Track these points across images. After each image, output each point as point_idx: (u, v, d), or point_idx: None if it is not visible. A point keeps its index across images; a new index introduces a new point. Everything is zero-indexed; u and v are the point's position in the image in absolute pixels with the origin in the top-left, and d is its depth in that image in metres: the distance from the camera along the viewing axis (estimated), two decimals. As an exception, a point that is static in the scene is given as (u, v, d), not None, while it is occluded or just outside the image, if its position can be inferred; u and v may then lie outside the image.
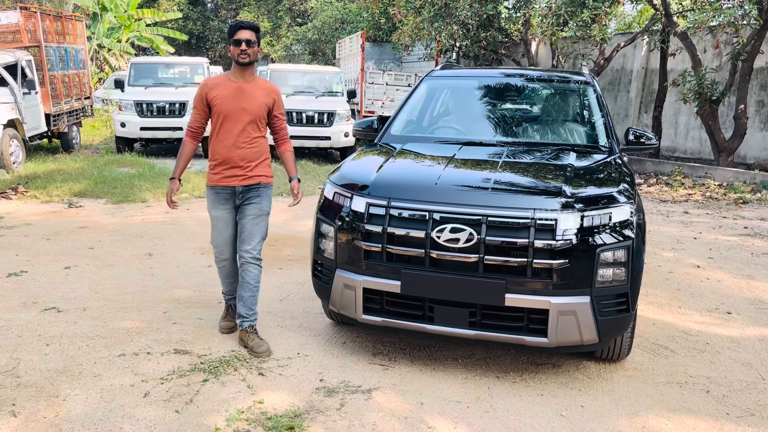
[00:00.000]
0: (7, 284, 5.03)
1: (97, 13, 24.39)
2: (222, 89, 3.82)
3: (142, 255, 5.96)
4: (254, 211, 3.90)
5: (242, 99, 3.80)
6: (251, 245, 3.91)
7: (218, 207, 3.92)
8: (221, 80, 3.88)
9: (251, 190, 3.90)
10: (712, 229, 7.62)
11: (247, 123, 3.82)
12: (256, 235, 3.92)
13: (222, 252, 4.02)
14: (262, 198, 3.93)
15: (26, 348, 3.87)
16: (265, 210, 3.96)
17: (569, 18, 11.08)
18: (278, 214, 7.93)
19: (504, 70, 5.75)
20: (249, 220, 3.90)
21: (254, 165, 3.89)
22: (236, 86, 3.82)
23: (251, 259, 3.93)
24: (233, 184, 3.87)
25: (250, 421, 3.11)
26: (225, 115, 3.80)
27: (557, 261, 3.24)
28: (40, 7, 12.46)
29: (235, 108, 3.79)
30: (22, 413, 3.14)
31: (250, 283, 3.94)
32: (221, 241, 3.98)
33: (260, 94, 3.86)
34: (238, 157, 3.83)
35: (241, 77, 3.85)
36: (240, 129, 3.81)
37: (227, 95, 3.80)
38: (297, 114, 12.40)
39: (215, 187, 3.90)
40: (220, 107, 3.80)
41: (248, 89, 3.83)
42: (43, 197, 8.58)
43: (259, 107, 3.85)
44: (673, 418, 3.25)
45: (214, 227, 3.98)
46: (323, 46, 24.72)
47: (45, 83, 11.77)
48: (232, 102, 3.79)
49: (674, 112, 13.89)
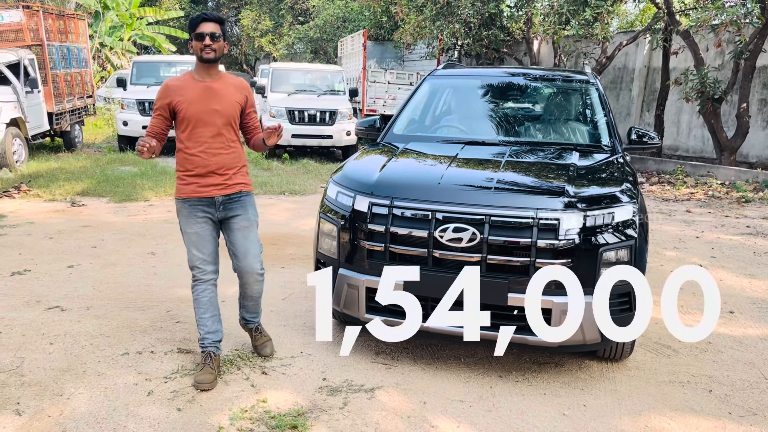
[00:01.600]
0: (10, 283, 5.04)
1: (99, 12, 24.39)
2: (188, 91, 3.39)
3: (145, 254, 5.97)
4: (242, 223, 3.55)
5: (213, 99, 3.40)
6: (250, 263, 3.58)
7: (194, 221, 3.47)
8: (185, 80, 3.45)
9: (233, 200, 3.52)
10: (714, 228, 7.61)
11: (221, 126, 3.43)
12: (252, 250, 3.57)
13: (203, 272, 3.52)
14: (246, 207, 3.57)
15: (30, 347, 3.89)
16: (253, 220, 3.60)
17: (571, 16, 11.07)
18: (281, 213, 7.96)
19: (506, 70, 5.75)
20: (239, 234, 3.55)
21: (233, 173, 3.50)
22: (204, 86, 3.41)
23: (257, 276, 3.64)
24: (212, 194, 3.45)
25: (254, 420, 3.13)
26: (195, 119, 3.38)
27: (560, 261, 3.25)
28: (42, 6, 12.47)
29: (205, 110, 3.38)
30: (26, 412, 3.15)
31: (254, 296, 3.73)
32: (201, 258, 3.50)
33: (231, 92, 3.48)
34: (214, 164, 3.43)
35: (207, 75, 3.44)
36: (214, 132, 3.42)
37: (195, 97, 3.38)
38: (299, 113, 12.41)
39: (189, 200, 3.46)
40: (188, 111, 3.37)
41: (218, 88, 3.43)
42: (46, 196, 8.59)
43: (232, 106, 3.46)
44: (676, 418, 3.26)
45: (192, 245, 3.49)
46: (325, 44, 24.72)
47: (47, 82, 11.79)
48: (201, 104, 3.38)
49: (676, 110, 13.88)
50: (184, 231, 3.53)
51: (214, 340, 3.59)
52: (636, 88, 14.96)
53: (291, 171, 11.35)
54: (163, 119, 3.46)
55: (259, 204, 8.39)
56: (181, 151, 3.48)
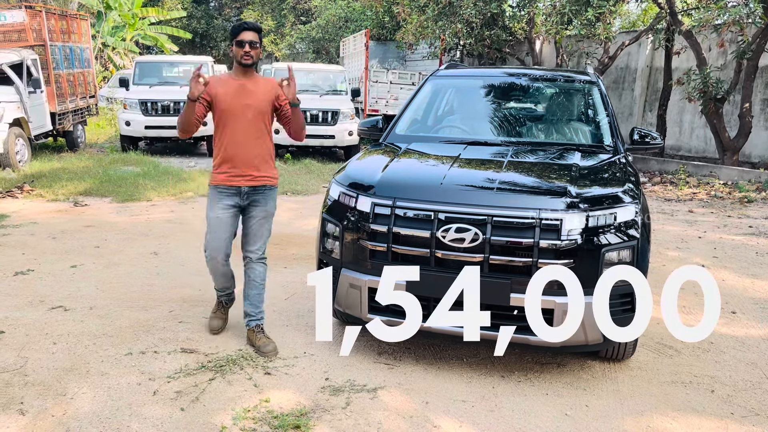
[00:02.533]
0: (14, 283, 5.06)
1: (102, 12, 24.43)
2: (225, 87, 3.81)
3: (148, 254, 5.99)
4: (260, 214, 3.91)
5: (245, 95, 3.79)
6: (257, 246, 3.94)
7: (220, 208, 3.85)
8: (224, 79, 3.89)
9: (257, 191, 3.88)
10: (716, 228, 7.61)
11: (251, 119, 3.80)
12: (261, 237, 3.94)
13: (215, 256, 3.90)
14: (267, 200, 3.93)
15: (34, 346, 3.90)
16: (271, 212, 3.97)
17: (573, 16, 11.06)
18: (284, 213, 7.95)
19: (509, 70, 5.75)
20: (255, 221, 3.91)
21: (261, 164, 3.86)
22: (238, 83, 3.82)
23: (257, 259, 3.96)
24: (240, 184, 3.83)
25: (257, 420, 3.13)
26: (229, 112, 3.78)
27: (562, 261, 3.25)
28: (45, 6, 12.50)
29: (238, 104, 3.77)
30: (30, 411, 3.16)
31: (256, 281, 3.98)
32: (216, 243, 3.87)
33: (262, 90, 3.85)
34: (243, 154, 3.80)
35: (243, 76, 3.85)
36: (245, 125, 3.80)
37: (229, 92, 3.79)
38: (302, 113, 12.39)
39: (219, 187, 3.86)
40: (222, 104, 3.79)
41: (250, 86, 3.82)
42: (49, 196, 8.61)
43: (262, 102, 3.83)
44: (678, 418, 3.26)
45: (211, 229, 3.87)
46: (327, 44, 24.72)
47: (50, 82, 11.81)
48: (234, 99, 3.78)
49: (679, 110, 13.87)
50: (207, 215, 3.92)
51: (228, 293, 4.18)
52: (638, 88, 14.95)
53: (293, 171, 11.36)
54: (201, 105, 3.81)
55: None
56: (215, 143, 3.89)
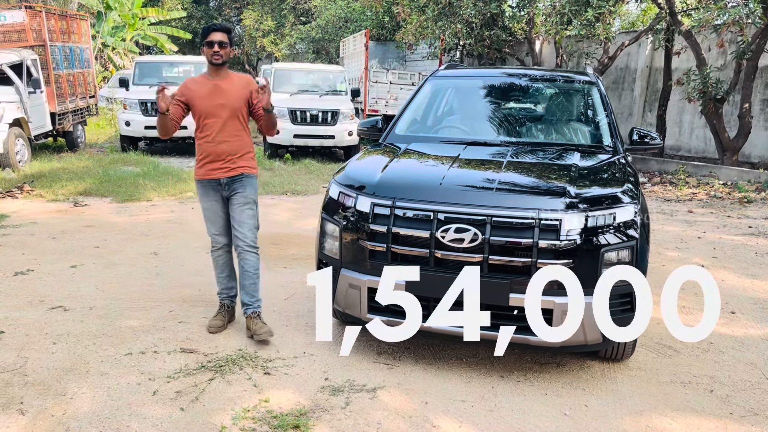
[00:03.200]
0: (13, 283, 5.06)
1: (102, 12, 24.44)
2: (200, 88, 4.00)
3: (148, 254, 5.99)
4: (240, 200, 4.07)
5: (219, 95, 3.96)
6: (243, 233, 4.08)
7: (207, 199, 4.12)
8: (200, 80, 4.07)
9: (235, 180, 4.06)
10: (716, 229, 7.61)
11: (226, 118, 3.98)
12: (246, 222, 4.08)
13: (217, 241, 4.21)
14: (246, 186, 4.08)
15: (33, 346, 3.90)
16: (251, 197, 4.11)
17: (573, 17, 11.06)
18: (283, 213, 7.97)
19: (508, 70, 5.75)
20: (236, 208, 4.08)
21: (237, 157, 4.05)
22: (212, 84, 3.99)
23: (247, 248, 4.09)
24: (218, 176, 4.04)
25: (256, 420, 3.14)
26: (205, 113, 3.98)
27: (561, 261, 3.25)
28: (45, 6, 12.50)
29: (213, 105, 3.96)
30: (29, 411, 3.17)
31: (249, 271, 4.12)
32: (215, 230, 4.18)
33: (237, 88, 4.02)
34: (221, 151, 4.01)
35: (217, 76, 4.01)
36: (220, 125, 3.98)
37: (204, 94, 3.98)
38: (301, 113, 12.42)
39: (201, 181, 4.11)
40: (198, 106, 3.98)
41: (224, 86, 3.99)
42: (49, 196, 8.62)
43: (237, 100, 4.00)
44: (677, 418, 3.27)
45: (207, 219, 4.19)
46: (327, 44, 24.71)
47: (50, 82, 11.82)
48: (209, 100, 3.96)
49: (678, 110, 13.87)
50: (201, 206, 4.21)
51: (229, 294, 4.33)
52: (638, 89, 14.95)
53: (293, 171, 11.36)
54: (179, 108, 4.01)
55: (260, 204, 8.35)
56: (196, 141, 4.10)
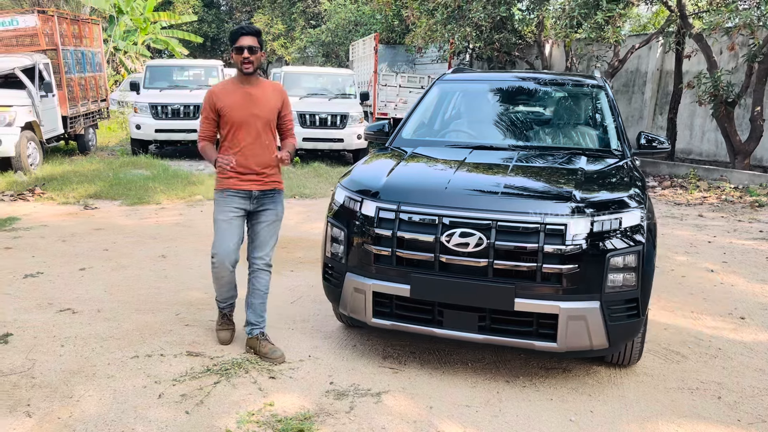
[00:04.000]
0: (23, 285, 5.10)
1: (114, 16, 24.62)
2: (231, 97, 3.73)
3: (156, 257, 6.02)
4: (270, 217, 3.88)
5: (253, 105, 3.72)
6: (264, 252, 3.90)
7: (229, 211, 3.78)
8: (228, 87, 3.79)
9: (267, 195, 3.85)
10: (726, 233, 7.55)
11: (260, 129, 3.75)
12: (270, 241, 3.92)
13: (223, 261, 3.80)
14: (277, 204, 3.92)
15: (41, 349, 3.93)
16: (280, 216, 3.96)
17: (582, 20, 11.02)
18: (292, 216, 7.98)
19: (515, 74, 5.75)
20: (264, 226, 3.87)
21: (269, 171, 3.83)
22: (244, 92, 3.74)
23: (263, 266, 3.92)
24: (251, 187, 3.78)
25: (260, 424, 3.14)
26: (238, 122, 3.71)
27: (567, 266, 3.24)
28: (57, 11, 12.62)
29: (246, 115, 3.71)
30: (36, 414, 3.19)
31: (261, 290, 3.95)
32: (225, 248, 3.78)
33: (269, 97, 3.79)
34: (255, 163, 3.76)
35: (248, 83, 3.77)
36: (255, 136, 3.75)
37: (237, 103, 3.71)
38: (310, 116, 12.44)
39: (228, 190, 3.78)
40: (231, 116, 3.71)
41: (257, 94, 3.75)
42: (60, 199, 8.69)
43: (270, 111, 3.78)
44: (684, 425, 3.24)
45: (220, 233, 3.80)
46: (337, 48, 24.79)
47: (62, 86, 11.93)
48: (242, 110, 3.71)
49: (690, 114, 13.78)
50: (215, 219, 3.85)
51: (231, 302, 4.11)
52: (649, 92, 14.87)
53: (302, 174, 11.39)
54: (211, 121, 3.82)
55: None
56: (223, 149, 3.82)
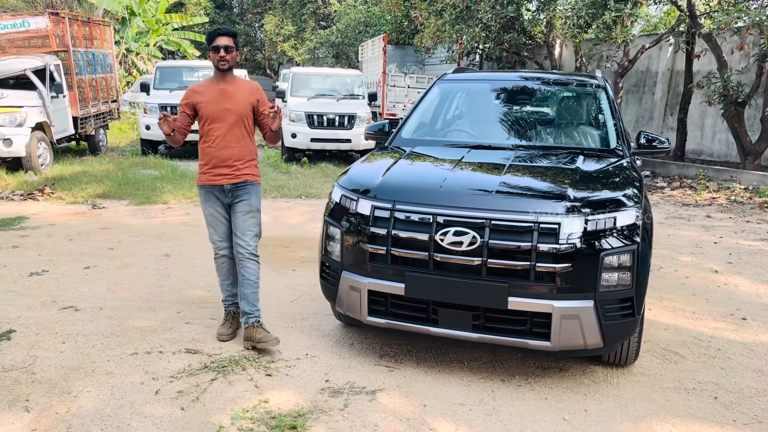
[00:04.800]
0: (28, 283, 5.17)
1: (126, 18, 24.85)
2: (206, 93, 3.99)
3: (160, 255, 6.08)
4: (244, 208, 4.05)
5: (225, 99, 3.96)
6: (245, 241, 4.05)
7: (209, 205, 4.09)
8: (205, 84, 4.06)
9: (239, 188, 4.04)
10: (733, 234, 7.49)
11: (232, 123, 3.97)
12: (249, 230, 4.06)
13: (219, 247, 4.16)
14: (250, 194, 4.07)
15: (43, 345, 3.98)
16: (255, 206, 4.09)
17: (590, 20, 10.97)
18: (296, 216, 8.03)
19: (515, 74, 5.74)
20: (240, 216, 4.05)
21: (242, 164, 4.03)
22: (219, 88, 3.98)
23: (248, 255, 4.06)
24: (222, 182, 4.01)
25: (254, 420, 3.17)
26: (211, 117, 3.96)
27: (560, 265, 3.23)
28: (69, 13, 12.76)
29: (219, 109, 3.95)
30: (35, 409, 3.24)
31: (250, 279, 4.07)
32: (217, 236, 4.14)
33: (243, 94, 4.01)
34: (226, 156, 3.98)
35: (223, 80, 4.01)
36: (226, 129, 3.97)
37: (211, 98, 3.96)
38: (318, 117, 12.49)
39: (205, 186, 4.07)
40: (205, 110, 3.96)
41: (231, 90, 3.99)
42: (69, 198, 8.79)
43: (242, 106, 3.99)
44: (678, 424, 3.22)
45: (210, 225, 4.14)
46: (347, 49, 24.85)
47: (73, 87, 12.07)
48: (216, 104, 3.95)
49: (700, 114, 13.66)
50: (203, 213, 4.15)
51: (234, 301, 4.29)
52: (659, 92, 14.76)
53: (309, 174, 11.43)
54: (185, 116, 4.04)
55: (275, 207, 8.40)
56: (200, 145, 4.07)
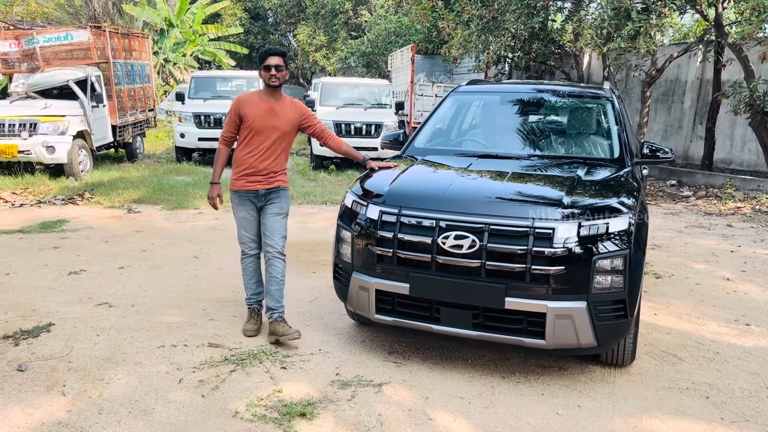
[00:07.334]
0: (67, 281, 5.56)
1: (165, 30, 25.67)
2: (255, 107, 4.25)
3: (189, 257, 6.42)
4: (275, 210, 4.35)
5: (272, 117, 4.25)
6: (274, 241, 4.35)
7: (242, 209, 4.37)
8: (254, 98, 4.31)
9: (272, 192, 4.36)
10: (752, 243, 7.52)
11: (275, 139, 4.28)
12: (277, 231, 4.35)
13: (250, 247, 4.45)
14: (281, 199, 4.39)
15: (79, 337, 4.33)
16: (284, 209, 4.40)
17: (614, 31, 11.07)
18: (320, 222, 8.31)
19: (526, 86, 5.93)
20: (270, 217, 4.34)
21: (275, 173, 4.36)
22: (268, 105, 4.26)
23: (276, 254, 4.35)
24: (257, 188, 4.32)
25: (267, 407, 3.44)
26: (257, 131, 4.24)
27: (555, 267, 3.44)
28: (110, 26, 13.35)
29: (266, 125, 4.23)
30: (70, 393, 3.56)
31: (277, 277, 4.36)
32: (247, 238, 4.44)
33: (289, 113, 4.32)
34: (263, 167, 4.29)
35: (272, 97, 4.29)
36: (269, 144, 4.28)
37: (259, 113, 4.24)
38: (345, 125, 12.82)
39: (239, 192, 4.35)
40: (252, 124, 4.23)
41: (279, 109, 4.28)
42: (106, 203, 9.24)
43: (288, 124, 4.31)
44: (667, 421, 3.39)
45: (241, 227, 4.43)
46: (377, 58, 25.20)
47: (112, 97, 12.62)
48: (263, 120, 4.23)
49: (730, 123, 13.58)
50: (235, 215, 4.43)
51: (258, 299, 4.59)
52: (688, 101, 14.71)
53: (336, 182, 11.74)
54: (233, 124, 4.33)
55: (300, 213, 8.69)
56: (238, 153, 4.36)
